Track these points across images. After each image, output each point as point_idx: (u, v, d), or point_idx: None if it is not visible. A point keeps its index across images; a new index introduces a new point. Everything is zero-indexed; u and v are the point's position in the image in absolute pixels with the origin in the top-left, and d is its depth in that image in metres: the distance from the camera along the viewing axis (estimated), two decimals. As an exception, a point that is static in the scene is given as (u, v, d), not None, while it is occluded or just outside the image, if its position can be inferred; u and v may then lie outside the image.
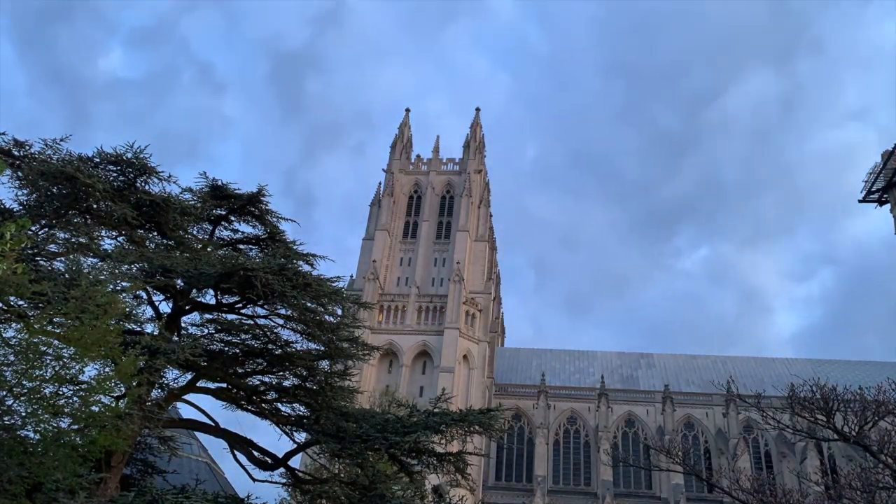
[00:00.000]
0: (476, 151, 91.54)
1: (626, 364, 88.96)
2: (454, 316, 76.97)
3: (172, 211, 21.80)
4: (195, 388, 21.70)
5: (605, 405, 78.14)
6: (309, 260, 23.27)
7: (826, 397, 23.75)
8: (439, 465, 22.59)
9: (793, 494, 28.79)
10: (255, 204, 23.82)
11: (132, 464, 21.27)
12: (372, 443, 20.62)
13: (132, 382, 15.51)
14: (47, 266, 18.08)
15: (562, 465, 77.20)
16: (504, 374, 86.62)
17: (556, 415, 79.68)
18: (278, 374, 22.70)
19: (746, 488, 27.93)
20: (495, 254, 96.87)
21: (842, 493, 26.46)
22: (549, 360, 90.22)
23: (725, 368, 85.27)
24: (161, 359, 17.49)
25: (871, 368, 79.77)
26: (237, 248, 24.82)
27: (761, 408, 26.15)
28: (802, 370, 74.67)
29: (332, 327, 22.44)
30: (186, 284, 20.54)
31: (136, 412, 16.58)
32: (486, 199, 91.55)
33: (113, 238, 21.91)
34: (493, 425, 22.61)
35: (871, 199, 39.25)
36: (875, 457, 22.88)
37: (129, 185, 21.32)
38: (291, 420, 22.69)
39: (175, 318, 21.49)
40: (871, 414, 23.30)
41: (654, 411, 79.24)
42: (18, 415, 13.82)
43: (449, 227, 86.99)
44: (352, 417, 22.18)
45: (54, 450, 13.69)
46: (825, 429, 23.84)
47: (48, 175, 19.38)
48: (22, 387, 13.41)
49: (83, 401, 14.17)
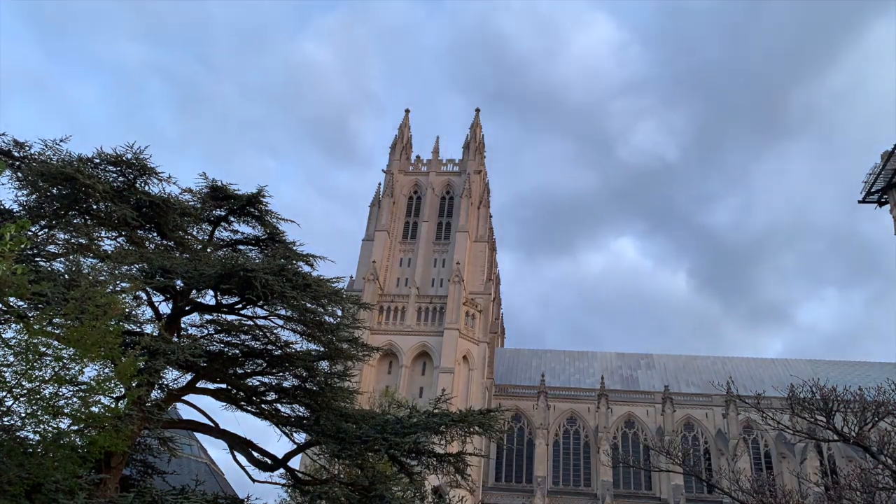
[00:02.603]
0: (476, 152, 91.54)
1: (625, 365, 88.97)
2: (454, 316, 76.97)
3: (172, 212, 21.81)
4: (195, 389, 21.70)
5: (605, 406, 78.13)
6: (309, 260, 23.29)
7: (826, 398, 23.74)
8: (439, 465, 22.60)
9: (793, 495, 28.81)
10: (255, 205, 23.82)
11: (132, 464, 21.28)
12: (372, 443, 20.62)
13: (132, 383, 15.49)
14: (47, 267, 18.08)
15: (562, 466, 77.18)
16: (504, 374, 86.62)
17: (555, 415, 79.68)
18: (278, 375, 22.70)
19: (746, 489, 27.94)
20: (495, 254, 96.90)
21: (842, 493, 26.45)
22: (549, 360, 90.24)
23: (725, 369, 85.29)
24: (161, 359, 17.50)
25: (870, 369, 79.83)
26: (237, 249, 24.82)
27: (761, 408, 26.12)
28: (802, 371, 74.93)
29: (331, 328, 22.44)
30: (186, 285, 20.53)
31: (136, 413, 16.58)
32: (486, 200, 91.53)
33: (113, 239, 21.91)
34: (493, 426, 22.61)
35: (870, 200, 39.32)
36: (875, 457, 22.87)
37: (129, 186, 21.32)
38: (291, 421, 22.69)
39: (175, 319, 21.49)
40: (871, 415, 23.29)
41: (654, 412, 79.24)
42: (18, 415, 13.82)
43: (449, 228, 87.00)
44: (351, 418, 22.18)
45: (54, 450, 13.69)
46: (825, 429, 23.82)
47: (48, 176, 19.38)
48: (21, 387, 13.40)
49: (83, 401, 14.16)
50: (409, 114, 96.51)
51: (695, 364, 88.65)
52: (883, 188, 38.37)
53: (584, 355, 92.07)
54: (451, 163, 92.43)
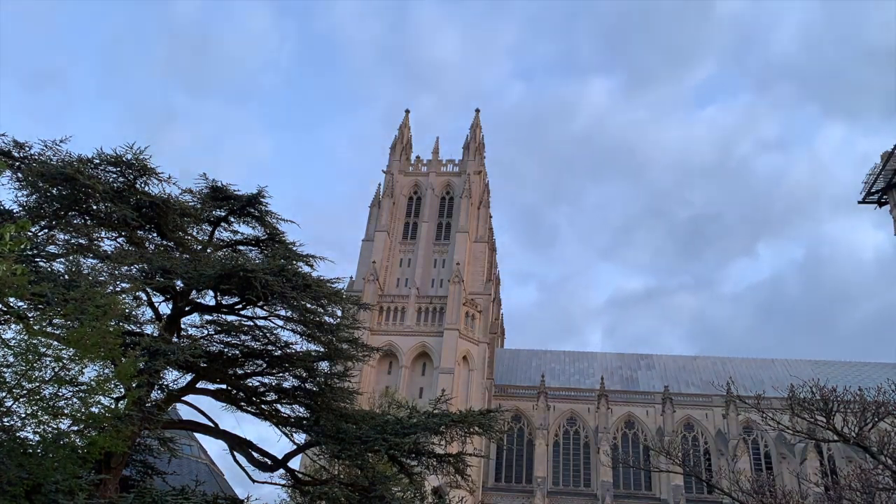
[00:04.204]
0: (476, 152, 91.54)
1: (625, 365, 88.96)
2: (454, 317, 76.95)
3: (172, 212, 21.81)
4: (195, 390, 21.69)
5: (605, 406, 78.10)
6: (309, 261, 23.27)
7: (826, 398, 23.75)
8: (439, 466, 22.60)
9: (793, 495, 28.85)
10: (255, 205, 23.81)
11: (132, 465, 21.27)
12: (372, 444, 20.62)
13: (132, 384, 15.49)
14: (47, 267, 18.08)
15: (561, 467, 77.16)
16: (504, 375, 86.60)
17: (555, 416, 79.66)
18: (278, 376, 22.70)
19: (746, 489, 27.99)
20: (495, 255, 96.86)
21: (841, 494, 26.48)
22: (549, 361, 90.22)
23: (725, 369, 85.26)
24: (161, 360, 17.50)
25: (870, 369, 79.81)
26: (237, 250, 24.81)
27: (761, 409, 26.16)
28: (802, 371, 74.88)
29: (331, 328, 22.43)
30: (186, 285, 20.53)
31: (136, 413, 16.57)
32: (486, 201, 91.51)
33: (113, 239, 21.91)
34: (493, 426, 22.62)
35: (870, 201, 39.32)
36: (875, 458, 22.88)
37: (129, 187, 21.31)
38: (291, 421, 22.69)
39: (175, 320, 21.48)
40: (871, 415, 23.30)
41: (654, 412, 79.22)
42: (18, 416, 13.81)
43: (449, 229, 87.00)
44: (351, 419, 22.19)
45: (54, 451, 13.66)
46: (825, 430, 23.83)
47: (48, 176, 19.38)
48: (21, 388, 13.40)
49: (83, 402, 14.15)
50: (409, 114, 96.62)
51: (695, 364, 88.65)
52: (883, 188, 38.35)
53: (583, 356, 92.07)
54: (450, 163, 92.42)
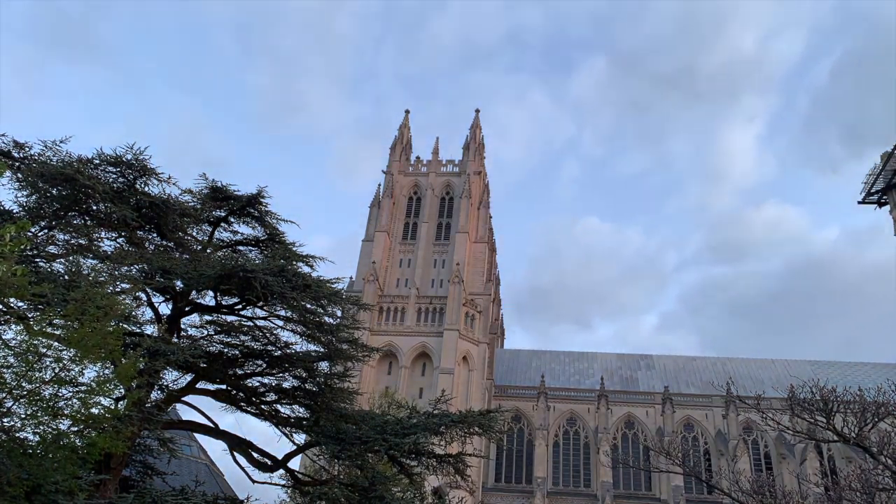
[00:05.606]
0: (475, 153, 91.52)
1: (625, 365, 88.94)
2: (454, 317, 76.94)
3: (172, 212, 21.81)
4: (194, 390, 21.70)
5: (605, 406, 78.12)
6: (308, 261, 23.28)
7: (826, 398, 23.73)
8: (439, 466, 22.61)
9: (793, 496, 28.84)
10: (255, 205, 23.81)
11: (132, 465, 21.27)
12: (371, 444, 20.63)
13: (132, 384, 15.50)
14: (47, 268, 18.09)
15: (561, 467, 77.15)
16: (504, 375, 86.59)
17: (555, 416, 79.65)
18: (278, 376, 22.70)
19: (746, 490, 27.97)
20: (495, 255, 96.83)
21: (841, 494, 26.47)
22: (549, 361, 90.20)
23: (725, 370, 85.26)
24: (161, 360, 17.50)
25: (870, 369, 79.85)
26: (237, 250, 24.81)
27: (761, 409, 26.14)
28: (802, 371, 74.98)
29: (331, 329, 22.44)
30: (186, 286, 20.54)
31: (136, 414, 16.57)
32: (486, 201, 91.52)
33: (113, 239, 21.91)
34: (493, 427, 22.63)
35: (870, 201, 39.28)
36: (875, 458, 22.87)
37: (129, 187, 21.31)
38: (291, 422, 22.69)
39: (175, 320, 21.49)
40: (871, 415, 23.28)
41: (654, 413, 79.21)
42: (18, 416, 13.81)
43: (448, 229, 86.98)
44: (351, 419, 22.20)
45: (54, 451, 13.67)
46: (825, 430, 23.81)
47: (48, 176, 19.38)
48: (21, 388, 13.40)
49: (83, 402, 14.15)
50: (408, 114, 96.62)
51: (694, 365, 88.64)
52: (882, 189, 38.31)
53: (583, 356, 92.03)
54: (450, 163, 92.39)
